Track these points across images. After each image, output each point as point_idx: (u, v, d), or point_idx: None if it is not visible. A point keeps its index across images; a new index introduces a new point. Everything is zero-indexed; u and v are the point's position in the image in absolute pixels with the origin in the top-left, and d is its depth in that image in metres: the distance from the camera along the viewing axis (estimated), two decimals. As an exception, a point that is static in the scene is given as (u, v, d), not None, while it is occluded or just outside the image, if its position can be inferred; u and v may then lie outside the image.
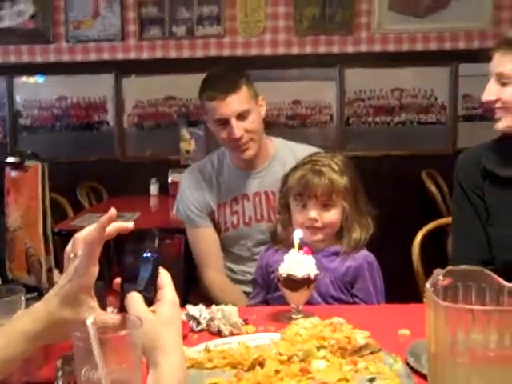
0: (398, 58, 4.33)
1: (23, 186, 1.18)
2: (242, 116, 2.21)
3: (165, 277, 0.99)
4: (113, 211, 0.95)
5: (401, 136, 4.43)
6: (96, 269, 0.96)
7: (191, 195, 2.35)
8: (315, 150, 2.27)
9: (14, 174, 1.21)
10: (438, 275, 1.00)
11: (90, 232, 0.96)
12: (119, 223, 0.97)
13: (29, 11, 4.26)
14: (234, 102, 2.20)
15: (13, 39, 4.32)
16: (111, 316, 0.96)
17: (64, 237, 2.86)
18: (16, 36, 4.30)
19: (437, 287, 0.98)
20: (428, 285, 0.96)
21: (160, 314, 0.94)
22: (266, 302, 1.93)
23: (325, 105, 4.44)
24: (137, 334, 0.90)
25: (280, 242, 1.93)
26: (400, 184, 4.27)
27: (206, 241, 2.32)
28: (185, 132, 4.27)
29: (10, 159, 1.20)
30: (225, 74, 2.29)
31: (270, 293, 1.92)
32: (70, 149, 4.49)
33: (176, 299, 0.98)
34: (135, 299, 0.95)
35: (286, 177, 1.94)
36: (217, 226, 2.35)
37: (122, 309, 0.98)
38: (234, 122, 2.19)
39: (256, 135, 2.26)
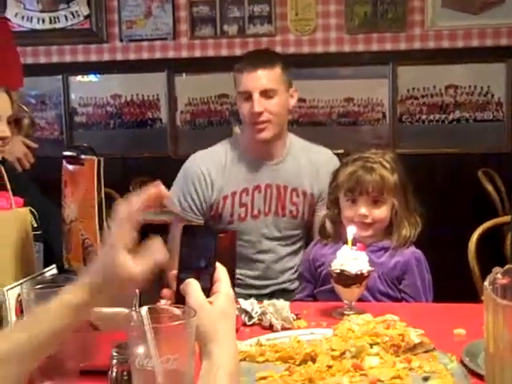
0: (453, 54, 4.24)
1: (79, 179, 1.20)
2: (266, 94, 2.16)
3: (221, 271, 0.99)
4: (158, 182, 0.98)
5: (456, 134, 4.32)
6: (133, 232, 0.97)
7: (194, 190, 2.26)
8: (331, 153, 2.34)
9: (70, 167, 1.23)
10: (497, 274, 0.97)
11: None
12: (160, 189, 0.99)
13: (84, 12, 4.34)
14: (262, 78, 2.15)
15: (68, 39, 4.41)
16: (166, 307, 0.97)
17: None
18: (71, 36, 4.39)
19: (495, 286, 0.95)
20: (486, 283, 0.93)
21: (216, 306, 0.95)
22: (312, 296, 1.94)
23: (377, 102, 4.38)
24: (191, 324, 0.91)
25: (328, 236, 1.93)
26: (455, 182, 4.18)
27: None
28: (237, 129, 4.27)
29: (67, 153, 1.22)
30: (265, 51, 2.33)
31: (317, 287, 1.92)
32: (124, 145, 4.55)
33: (231, 293, 0.99)
34: (194, 286, 0.95)
35: (335, 172, 1.94)
36: (218, 218, 2.26)
37: (178, 301, 0.98)
38: (256, 96, 2.14)
39: (276, 119, 2.19)
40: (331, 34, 4.32)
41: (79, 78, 4.55)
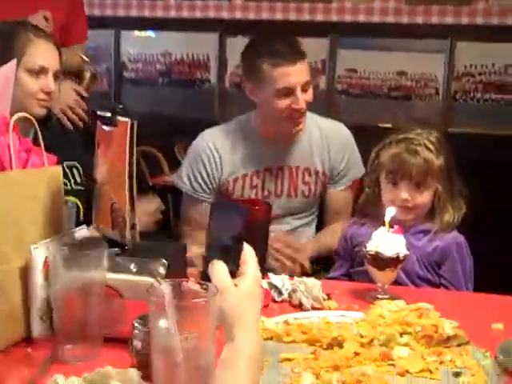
0: (516, 32, 4.06)
1: (112, 140, 1.17)
2: (304, 88, 2.05)
3: (249, 252, 0.96)
4: None
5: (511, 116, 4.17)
6: None
7: (203, 167, 2.19)
8: (339, 125, 2.26)
9: (104, 127, 1.20)
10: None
11: None
12: None
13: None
14: (302, 71, 2.04)
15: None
16: (188, 283, 0.94)
17: (157, 191, 2.91)
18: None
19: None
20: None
21: (242, 289, 0.92)
22: (347, 275, 1.90)
23: (431, 78, 4.24)
24: (212, 303, 0.88)
25: (366, 215, 1.88)
26: (506, 165, 4.04)
27: (202, 217, 1.91)
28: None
29: (101, 113, 1.19)
30: (285, 39, 2.09)
31: (353, 266, 1.88)
32: (171, 105, 4.53)
33: (258, 275, 0.96)
34: (220, 267, 0.92)
35: (377, 151, 1.87)
36: (226, 197, 2.20)
37: (203, 277, 0.95)
38: (299, 91, 2.02)
39: (307, 108, 2.11)
40: (389, 4, 4.17)
41: (131, 33, 4.52)
